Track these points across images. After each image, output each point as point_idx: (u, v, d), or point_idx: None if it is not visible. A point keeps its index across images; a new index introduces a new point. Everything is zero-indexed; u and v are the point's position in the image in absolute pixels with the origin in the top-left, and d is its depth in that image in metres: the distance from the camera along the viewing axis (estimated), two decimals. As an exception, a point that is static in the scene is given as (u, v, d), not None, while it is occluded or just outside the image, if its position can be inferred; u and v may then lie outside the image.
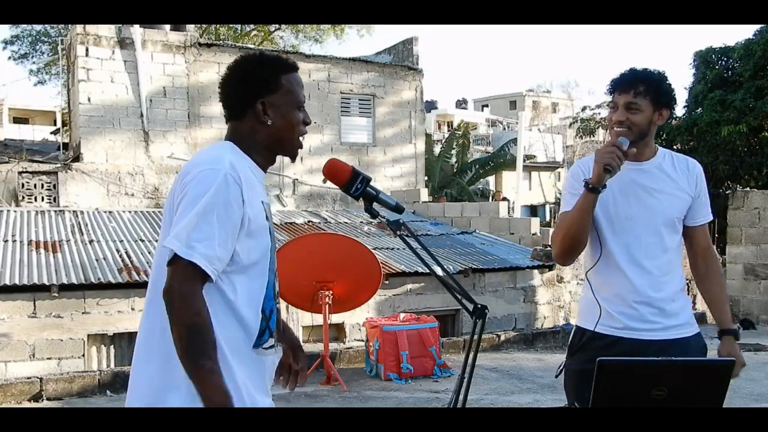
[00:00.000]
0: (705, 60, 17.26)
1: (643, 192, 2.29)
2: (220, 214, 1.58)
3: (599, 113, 32.11)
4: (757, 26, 16.32)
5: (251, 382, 1.69)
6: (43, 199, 11.64)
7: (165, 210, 1.71)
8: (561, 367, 2.37)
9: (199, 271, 1.55)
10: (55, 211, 10.76)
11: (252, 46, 17.33)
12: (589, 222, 2.25)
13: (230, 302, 1.64)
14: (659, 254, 2.29)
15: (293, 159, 1.87)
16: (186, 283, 1.54)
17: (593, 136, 32.75)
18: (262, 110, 1.74)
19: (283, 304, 7.91)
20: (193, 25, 13.19)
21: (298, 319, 8.51)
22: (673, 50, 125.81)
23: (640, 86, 2.23)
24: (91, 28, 11.93)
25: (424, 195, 13.93)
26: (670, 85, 2.31)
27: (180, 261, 1.54)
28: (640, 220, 2.27)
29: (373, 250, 6.71)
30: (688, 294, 12.41)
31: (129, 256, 8.47)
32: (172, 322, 1.53)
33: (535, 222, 11.76)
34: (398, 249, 9.75)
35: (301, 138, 1.84)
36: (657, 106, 2.26)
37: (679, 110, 19.24)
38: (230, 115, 1.79)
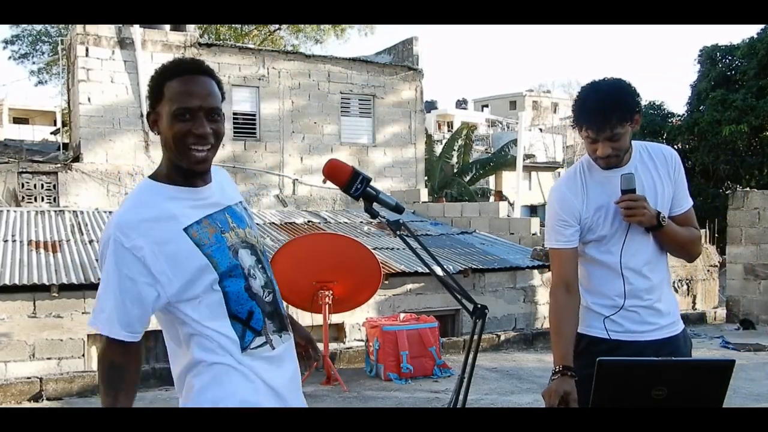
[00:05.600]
0: (710, 57, 17.27)
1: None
2: (111, 282, 1.68)
3: None
4: (761, 25, 16.32)
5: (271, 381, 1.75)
6: (43, 199, 11.64)
7: None
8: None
9: (107, 337, 1.72)
10: (55, 211, 10.76)
11: (252, 46, 17.32)
12: None
13: (191, 326, 1.71)
14: (648, 255, 2.28)
15: (194, 169, 1.71)
16: (102, 347, 1.74)
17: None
18: (152, 122, 1.75)
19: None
20: (193, 25, 13.19)
21: (298, 319, 8.50)
22: (673, 50, 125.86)
23: (613, 118, 2.14)
24: (91, 28, 11.94)
25: (424, 195, 13.94)
26: (632, 92, 2.21)
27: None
28: (627, 223, 2.25)
29: (373, 250, 6.71)
30: (689, 293, 12.27)
31: (129, 256, 8.46)
32: None
33: (535, 222, 11.76)
34: (398, 249, 9.75)
35: (192, 150, 1.68)
36: (631, 119, 2.19)
37: (681, 108, 19.27)
38: None
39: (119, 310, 1.67)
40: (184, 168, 1.71)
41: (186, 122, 1.67)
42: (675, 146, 18.46)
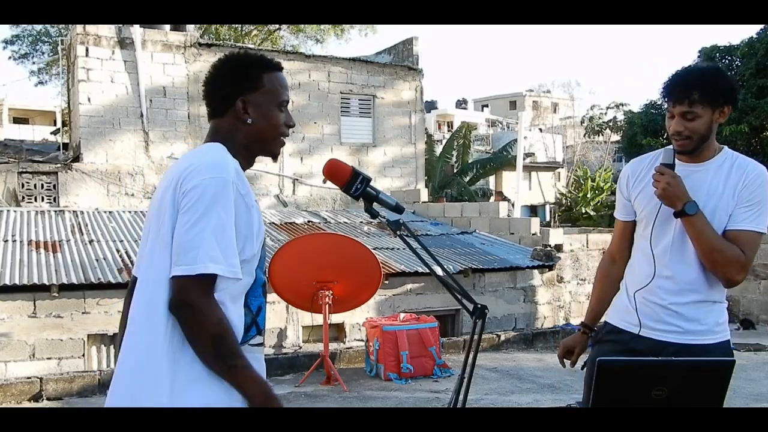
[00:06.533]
0: (709, 58, 17.25)
1: None
2: (230, 223, 1.59)
3: (606, 113, 32.16)
4: (760, 26, 16.32)
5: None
6: (43, 199, 11.64)
7: (153, 207, 1.69)
8: (586, 360, 2.41)
9: (212, 279, 1.56)
10: (55, 211, 10.76)
11: (252, 46, 17.33)
12: None
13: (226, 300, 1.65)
14: (689, 260, 2.20)
15: (274, 159, 1.87)
16: (203, 295, 1.56)
17: (601, 135, 32.82)
18: (242, 108, 1.73)
19: (283, 304, 7.94)
20: (193, 25, 13.19)
21: (298, 319, 8.52)
22: (674, 49, 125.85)
23: (695, 93, 2.10)
24: (91, 28, 11.94)
25: (424, 195, 13.94)
26: (727, 79, 2.18)
27: (194, 276, 1.54)
28: (676, 224, 2.20)
29: (373, 250, 6.70)
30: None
31: (129, 256, 8.47)
32: (195, 334, 1.55)
33: (535, 222, 11.75)
34: (398, 249, 9.75)
35: (282, 139, 1.81)
36: (716, 106, 2.14)
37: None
38: (212, 112, 1.79)
39: (234, 257, 1.60)
40: (270, 152, 1.80)
41: (283, 113, 1.78)
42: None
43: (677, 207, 2.14)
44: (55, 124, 29.34)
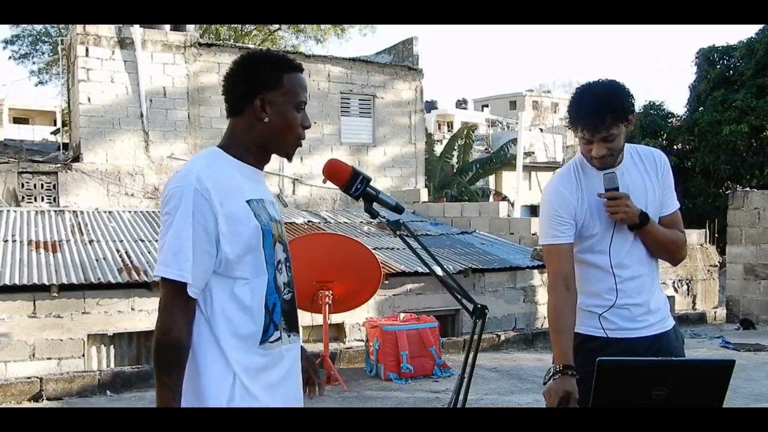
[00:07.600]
0: (708, 58, 17.26)
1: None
2: (186, 227, 1.64)
3: None
4: (759, 26, 16.31)
5: (256, 381, 1.71)
6: (43, 199, 11.64)
7: None
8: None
9: (177, 285, 1.63)
10: (55, 211, 10.76)
11: (252, 46, 17.33)
12: None
13: (228, 301, 1.70)
14: (639, 255, 2.33)
15: (290, 159, 1.90)
16: (165, 300, 1.64)
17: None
18: (260, 107, 1.75)
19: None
20: (193, 25, 13.19)
21: (299, 319, 8.50)
22: (674, 48, 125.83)
23: (608, 118, 2.17)
24: (91, 28, 11.94)
25: (424, 195, 13.93)
26: (625, 91, 2.24)
27: (161, 279, 1.65)
28: (618, 224, 2.30)
29: (373, 250, 6.70)
30: (689, 293, 12.14)
31: (129, 256, 8.46)
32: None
33: (535, 222, 11.75)
34: (398, 249, 9.75)
35: (299, 139, 1.84)
36: (626, 119, 2.22)
37: (681, 109, 19.28)
38: (230, 110, 1.81)
39: (195, 262, 1.64)
40: (285, 151, 1.83)
41: (299, 114, 1.81)
42: (675, 146, 18.45)
43: (636, 221, 2.27)
44: (55, 124, 29.33)
